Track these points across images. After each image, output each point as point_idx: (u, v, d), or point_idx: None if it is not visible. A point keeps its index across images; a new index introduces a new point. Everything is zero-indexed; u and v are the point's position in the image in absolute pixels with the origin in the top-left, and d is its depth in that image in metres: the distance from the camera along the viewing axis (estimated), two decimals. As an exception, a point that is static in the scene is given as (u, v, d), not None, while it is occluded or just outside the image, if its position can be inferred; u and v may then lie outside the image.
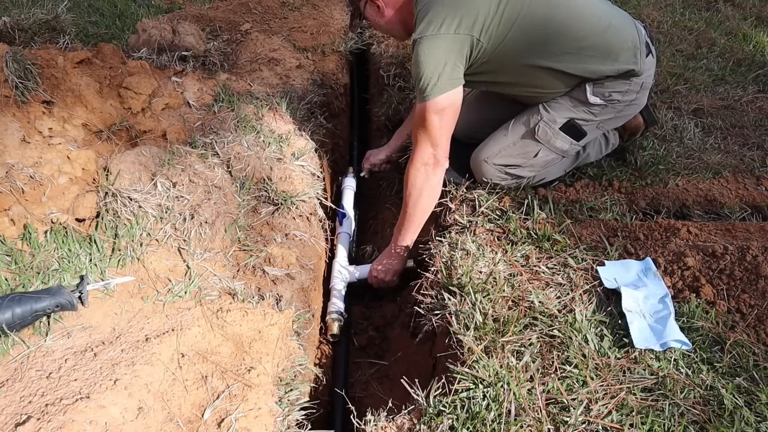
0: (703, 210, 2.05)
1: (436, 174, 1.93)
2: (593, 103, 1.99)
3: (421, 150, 1.90)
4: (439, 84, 1.80)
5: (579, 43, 1.89)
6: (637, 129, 2.31)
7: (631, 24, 2.00)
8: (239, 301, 1.65)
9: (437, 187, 1.97)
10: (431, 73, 1.79)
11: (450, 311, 1.62)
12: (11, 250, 1.58)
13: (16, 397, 1.23)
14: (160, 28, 2.74)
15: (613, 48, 1.92)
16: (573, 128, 2.04)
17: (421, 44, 1.80)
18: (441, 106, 1.83)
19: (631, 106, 2.09)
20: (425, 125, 1.86)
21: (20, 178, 1.63)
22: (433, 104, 1.82)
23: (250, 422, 1.33)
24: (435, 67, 1.79)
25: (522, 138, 2.08)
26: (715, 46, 3.34)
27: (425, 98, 1.82)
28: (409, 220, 2.00)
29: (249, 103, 2.46)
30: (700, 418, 1.31)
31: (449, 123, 1.89)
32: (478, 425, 1.31)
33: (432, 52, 1.79)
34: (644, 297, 1.60)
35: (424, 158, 1.90)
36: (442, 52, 1.80)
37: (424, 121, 1.86)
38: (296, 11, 3.49)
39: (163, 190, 1.90)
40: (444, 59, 1.80)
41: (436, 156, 1.90)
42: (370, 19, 2.07)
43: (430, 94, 1.81)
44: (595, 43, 1.90)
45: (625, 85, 1.99)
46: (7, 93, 1.85)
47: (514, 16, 1.83)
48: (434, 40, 1.79)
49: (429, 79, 1.80)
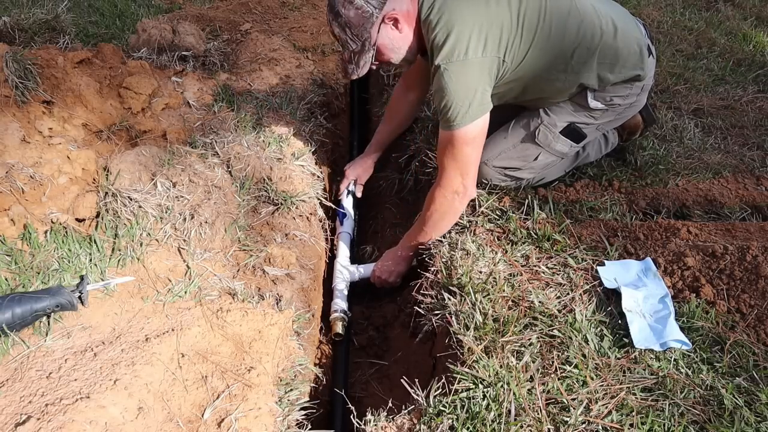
0: (703, 210, 2.05)
1: (463, 203, 1.89)
2: (594, 108, 1.98)
3: (450, 178, 1.82)
4: (470, 112, 1.71)
5: (591, 53, 1.87)
6: (636, 128, 2.31)
7: (634, 25, 1.99)
8: (239, 301, 1.65)
9: (460, 212, 1.93)
10: (461, 101, 1.70)
11: (450, 311, 1.62)
12: (11, 250, 1.58)
13: (16, 397, 1.23)
14: (160, 28, 2.74)
15: (622, 53, 1.90)
16: (573, 132, 2.04)
17: (448, 71, 1.69)
18: (472, 135, 1.76)
19: (632, 107, 2.09)
20: (455, 155, 1.78)
21: (20, 178, 1.63)
22: (463, 134, 1.74)
23: (250, 422, 1.33)
24: (466, 94, 1.70)
25: (522, 141, 2.07)
26: (715, 46, 3.34)
27: (454, 127, 1.73)
28: (423, 235, 1.97)
29: (249, 103, 2.46)
30: (700, 418, 1.31)
31: (479, 150, 1.82)
32: (478, 425, 1.31)
33: (462, 79, 1.70)
34: (644, 297, 1.59)
35: (454, 187, 1.83)
36: (473, 79, 1.71)
37: (454, 151, 1.77)
38: (296, 11, 3.49)
39: (163, 190, 1.90)
40: (475, 86, 1.71)
41: (466, 185, 1.84)
42: (385, 47, 1.82)
43: (461, 122, 1.72)
44: (605, 49, 1.88)
45: (626, 89, 1.99)
46: (7, 93, 1.85)
47: (533, 31, 1.78)
48: (463, 66, 1.69)
49: (459, 108, 1.70)
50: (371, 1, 1.73)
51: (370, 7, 1.73)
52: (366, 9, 1.73)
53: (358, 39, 1.77)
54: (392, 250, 2.14)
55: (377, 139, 2.52)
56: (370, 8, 1.73)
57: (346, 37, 1.78)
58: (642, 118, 2.28)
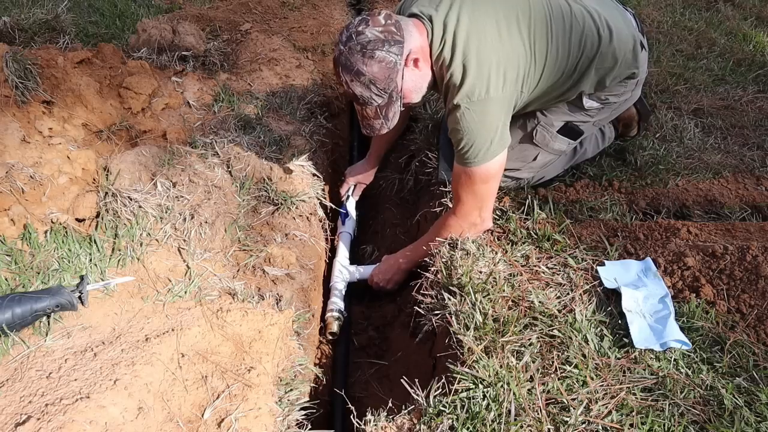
0: (703, 210, 2.05)
1: (478, 234, 1.87)
2: (589, 107, 1.99)
3: (468, 212, 1.81)
4: (492, 149, 1.68)
5: (591, 62, 1.86)
6: (630, 120, 2.31)
7: (627, 23, 1.97)
8: (239, 301, 1.65)
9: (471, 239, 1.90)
10: (484, 140, 1.66)
11: (450, 311, 1.62)
12: (11, 250, 1.58)
13: (16, 397, 1.23)
14: (160, 28, 2.74)
15: (618, 55, 1.89)
16: (570, 130, 2.04)
17: (470, 110, 1.64)
18: (494, 171, 1.73)
19: (626, 102, 2.10)
20: (474, 191, 1.75)
21: (20, 178, 1.63)
22: (485, 171, 1.71)
23: (250, 422, 1.33)
24: (488, 134, 1.66)
25: (520, 142, 2.06)
26: (715, 46, 3.34)
27: (473, 164, 1.70)
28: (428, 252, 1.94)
29: (249, 103, 2.46)
30: (700, 418, 1.31)
31: (497, 183, 1.80)
32: (478, 425, 1.31)
33: (484, 118, 1.65)
34: (644, 297, 1.59)
35: (471, 219, 1.82)
36: (495, 117, 1.67)
37: (474, 187, 1.74)
38: (296, 11, 3.49)
39: (163, 190, 1.90)
40: (497, 124, 1.68)
41: (483, 218, 1.83)
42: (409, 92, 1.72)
43: (483, 159, 1.68)
44: (603, 55, 1.87)
45: (621, 87, 1.99)
46: (7, 93, 1.85)
47: (544, 56, 1.75)
48: (485, 105, 1.64)
49: (481, 147, 1.67)
50: (392, 50, 1.60)
51: (393, 56, 1.60)
52: (390, 59, 1.60)
53: (384, 92, 1.65)
54: (392, 258, 2.12)
55: (375, 150, 2.51)
56: (393, 57, 1.60)
57: (370, 93, 1.64)
58: (637, 111, 2.28)
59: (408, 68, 1.67)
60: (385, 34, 1.59)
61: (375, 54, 1.58)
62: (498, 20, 1.68)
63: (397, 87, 1.66)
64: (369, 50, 1.58)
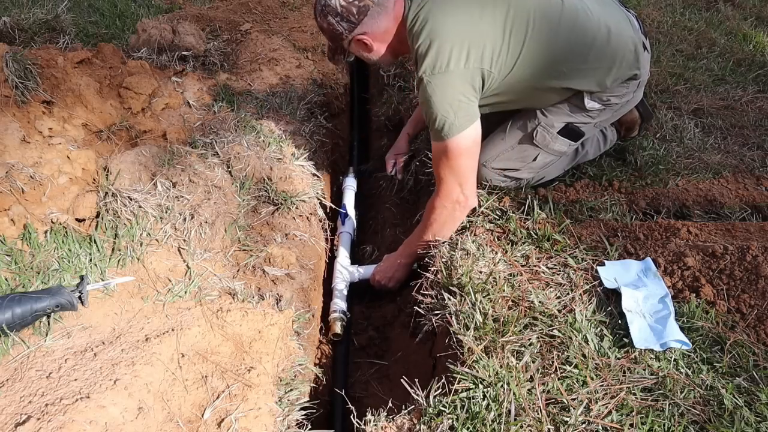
0: (703, 210, 2.05)
1: (464, 212, 1.90)
2: (591, 108, 1.98)
3: (449, 188, 1.84)
4: (457, 122, 1.73)
5: (584, 58, 1.86)
6: (633, 123, 2.30)
7: (627, 24, 1.97)
8: (239, 301, 1.65)
9: (460, 221, 1.93)
10: (446, 112, 1.72)
11: (450, 311, 1.62)
12: (11, 250, 1.58)
13: (16, 397, 1.23)
14: (160, 28, 2.74)
15: (617, 55, 1.89)
16: (571, 131, 2.03)
17: (431, 83, 1.72)
18: (465, 146, 1.77)
19: (628, 104, 2.09)
20: (451, 166, 1.80)
21: (20, 178, 1.63)
22: (456, 145, 1.76)
23: (250, 422, 1.33)
24: (450, 105, 1.72)
25: (520, 143, 2.06)
26: (715, 46, 3.34)
27: (444, 138, 1.76)
28: (423, 241, 1.96)
29: (249, 103, 2.46)
30: (700, 418, 1.31)
31: (474, 159, 1.83)
32: (478, 425, 1.31)
33: (445, 91, 1.71)
34: (644, 297, 1.59)
35: (454, 196, 1.85)
36: (455, 89, 1.73)
37: (450, 162, 1.79)
38: (296, 11, 3.49)
39: (163, 190, 1.90)
40: (458, 97, 1.73)
41: (466, 194, 1.85)
42: (355, 54, 1.95)
43: (449, 133, 1.74)
44: (600, 54, 1.87)
45: (623, 88, 1.98)
46: (7, 93, 1.85)
47: (521, 42, 1.78)
48: (444, 77, 1.71)
49: (444, 118, 1.72)
50: (342, 24, 1.80)
51: (340, 28, 1.81)
52: (337, 29, 1.82)
53: (333, 42, 1.91)
54: (392, 256, 2.13)
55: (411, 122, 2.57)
56: (341, 29, 1.81)
57: (323, 34, 1.92)
58: (639, 114, 2.28)
59: (355, 43, 1.86)
60: (343, 10, 1.78)
61: (327, 18, 1.81)
62: (472, 3, 1.76)
63: (343, 47, 1.90)
64: (324, 11, 1.81)
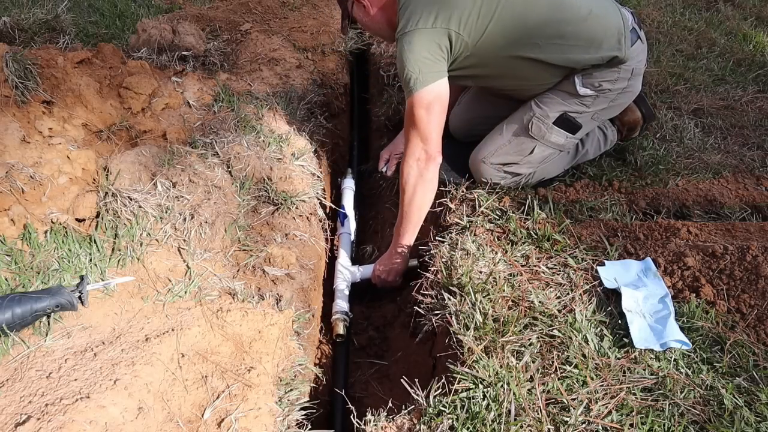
0: (703, 210, 2.05)
1: (428, 169, 1.92)
2: (583, 94, 1.99)
3: (411, 146, 1.91)
4: (422, 77, 1.82)
5: (560, 33, 1.89)
6: (635, 123, 2.30)
7: (615, 11, 1.98)
8: (239, 301, 1.65)
9: (431, 182, 1.96)
10: (412, 67, 1.82)
11: (450, 311, 1.62)
12: (11, 250, 1.58)
13: (16, 397, 1.23)
14: (160, 28, 2.74)
15: (596, 36, 1.91)
16: (567, 122, 2.04)
17: (402, 40, 1.85)
18: (427, 100, 1.84)
19: (624, 93, 2.07)
20: (414, 120, 1.88)
21: (20, 178, 1.63)
22: (418, 98, 1.84)
23: (250, 422, 1.33)
24: (416, 60, 1.82)
25: (517, 135, 2.09)
26: (715, 46, 3.34)
27: (410, 92, 1.85)
28: (406, 218, 2.00)
29: (249, 103, 2.46)
30: (700, 418, 1.31)
31: (437, 117, 1.89)
32: (478, 425, 1.31)
33: (412, 47, 1.82)
34: (644, 297, 1.59)
35: (416, 154, 1.91)
36: (421, 46, 1.83)
37: (413, 117, 1.87)
38: (296, 11, 3.49)
39: (163, 190, 1.90)
40: (424, 53, 1.83)
41: (428, 151, 1.90)
42: (358, 20, 2.07)
43: (414, 87, 1.83)
44: (577, 31, 1.90)
45: (614, 73, 1.98)
46: (7, 93, 1.85)
47: (492, 8, 1.85)
48: (413, 35, 1.83)
49: (411, 73, 1.82)
50: None
51: None
52: None
53: (341, 5, 2.08)
54: (388, 250, 2.15)
55: None
56: None
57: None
58: (641, 114, 2.28)
59: (358, 5, 2.01)
60: None
61: None
62: None
63: (347, 9, 2.05)
64: None
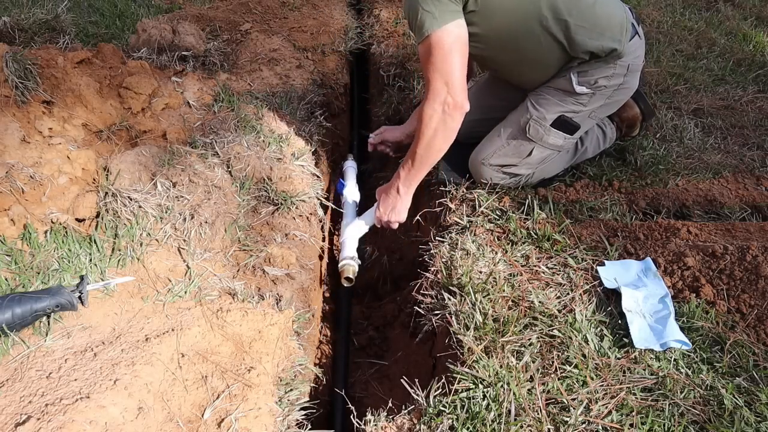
0: (703, 210, 2.05)
1: (454, 118, 1.81)
2: (580, 92, 1.97)
3: (436, 90, 1.78)
4: (439, 17, 1.71)
5: (568, 9, 1.85)
6: (634, 120, 2.30)
7: (619, 3, 1.98)
8: (239, 301, 1.65)
9: (453, 131, 1.85)
10: (428, 7, 1.71)
11: (450, 311, 1.62)
12: (11, 250, 1.58)
13: (16, 397, 1.23)
14: (160, 28, 2.74)
15: (600, 22, 1.89)
16: (565, 123, 2.03)
17: None
18: (448, 42, 1.73)
19: (621, 90, 2.05)
20: (435, 64, 1.76)
21: (20, 178, 1.63)
22: (436, 39, 1.72)
23: (250, 422, 1.33)
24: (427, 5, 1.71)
25: (515, 138, 2.08)
26: (715, 46, 3.34)
27: (426, 33, 1.73)
28: (420, 160, 1.90)
29: (249, 103, 2.46)
30: (700, 418, 1.31)
31: (460, 58, 1.77)
32: (478, 425, 1.31)
33: None
34: (644, 297, 1.60)
35: (441, 97, 1.78)
36: None
37: (433, 59, 1.75)
38: (296, 11, 3.49)
39: (163, 190, 1.90)
40: None
41: (454, 95, 1.78)
42: None
43: (431, 27, 1.71)
44: (584, 13, 1.86)
45: (609, 69, 1.96)
46: (7, 93, 1.85)
47: None
48: None
49: (426, 14, 1.71)
50: None
51: None
52: None
53: None
54: (386, 188, 2.07)
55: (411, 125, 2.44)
56: None
57: None
58: (640, 111, 2.27)
59: None
60: None
61: None
62: None
63: None
64: None
